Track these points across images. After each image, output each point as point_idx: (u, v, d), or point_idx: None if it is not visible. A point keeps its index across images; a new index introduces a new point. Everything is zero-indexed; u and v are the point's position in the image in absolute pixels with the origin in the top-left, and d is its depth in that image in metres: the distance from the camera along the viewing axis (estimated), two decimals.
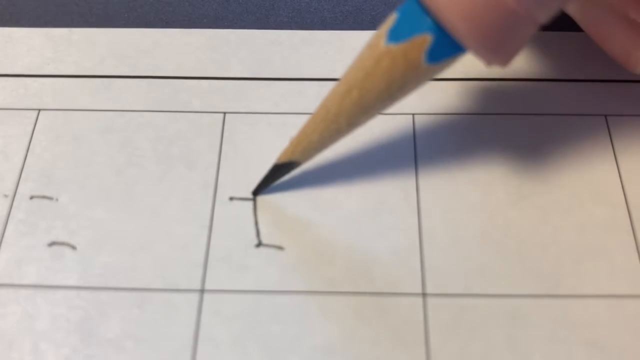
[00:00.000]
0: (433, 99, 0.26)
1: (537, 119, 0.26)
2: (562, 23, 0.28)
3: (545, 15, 0.20)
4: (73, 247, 0.23)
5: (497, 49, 0.20)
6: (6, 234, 0.23)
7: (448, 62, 0.21)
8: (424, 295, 0.22)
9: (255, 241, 0.23)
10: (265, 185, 0.24)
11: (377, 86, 0.21)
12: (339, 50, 0.28)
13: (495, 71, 0.27)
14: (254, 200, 0.24)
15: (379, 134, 0.25)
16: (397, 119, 0.26)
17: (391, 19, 0.21)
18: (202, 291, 0.22)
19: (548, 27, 0.28)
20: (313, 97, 0.26)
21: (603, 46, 0.25)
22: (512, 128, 0.25)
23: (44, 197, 0.24)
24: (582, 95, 0.26)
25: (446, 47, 0.20)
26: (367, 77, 0.21)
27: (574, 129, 0.25)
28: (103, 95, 0.26)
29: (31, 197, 0.24)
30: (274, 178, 0.24)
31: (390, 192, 0.24)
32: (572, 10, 0.25)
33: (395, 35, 0.21)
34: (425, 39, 0.20)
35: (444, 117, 0.26)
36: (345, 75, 0.22)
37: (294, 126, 0.25)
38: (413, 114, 0.26)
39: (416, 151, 0.25)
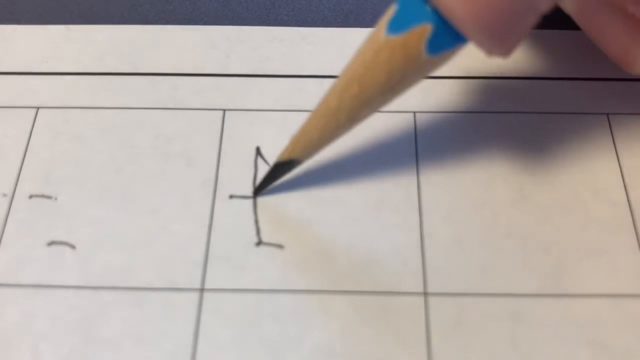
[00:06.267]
0: (434, 96, 0.26)
1: (538, 117, 0.26)
2: (564, 21, 0.28)
3: (546, 4, 0.19)
4: (72, 247, 0.23)
5: (498, 39, 0.20)
6: (5, 233, 0.23)
7: (448, 53, 0.20)
8: (425, 294, 0.22)
9: (256, 240, 0.23)
10: (265, 185, 0.24)
11: (377, 79, 0.21)
12: (340, 48, 0.27)
13: (496, 69, 0.27)
14: (254, 198, 0.24)
15: (380, 132, 0.25)
16: (398, 117, 0.25)
17: (391, 10, 0.20)
18: (201, 290, 0.22)
19: (549, 26, 0.28)
20: (313, 94, 0.26)
21: (600, 44, 0.24)
22: (513, 126, 0.25)
23: (43, 196, 0.24)
24: (584, 94, 0.26)
25: (446, 37, 0.20)
26: (367, 70, 0.21)
27: (575, 127, 0.25)
28: (102, 93, 0.26)
29: (30, 196, 0.24)
30: (275, 177, 0.24)
31: (391, 190, 0.24)
32: (569, 6, 0.24)
33: (394, 26, 0.20)
34: (425, 29, 0.20)
35: (445, 115, 0.26)
36: (345, 69, 0.21)
37: (294, 123, 0.25)
38: (414, 112, 0.26)
39: (417, 149, 0.25)
